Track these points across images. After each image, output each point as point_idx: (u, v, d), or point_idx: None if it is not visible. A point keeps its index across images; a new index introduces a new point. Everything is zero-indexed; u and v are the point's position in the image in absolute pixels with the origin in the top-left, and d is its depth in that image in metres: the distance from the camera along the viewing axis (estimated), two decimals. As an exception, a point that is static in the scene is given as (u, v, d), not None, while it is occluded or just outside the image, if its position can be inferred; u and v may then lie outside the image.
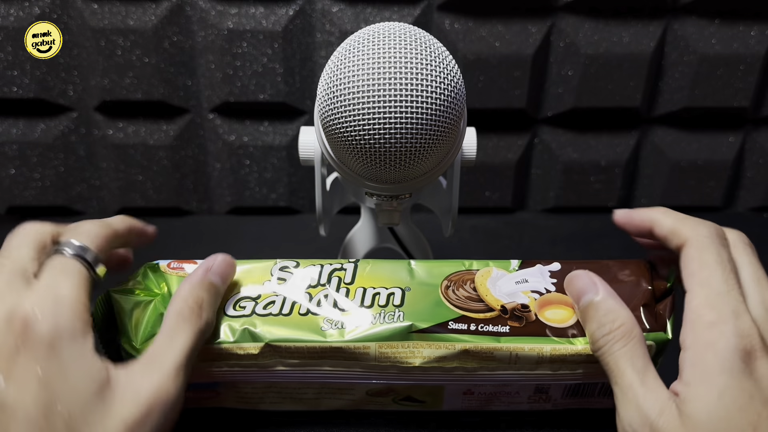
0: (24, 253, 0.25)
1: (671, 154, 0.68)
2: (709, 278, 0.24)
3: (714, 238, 0.26)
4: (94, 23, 0.58)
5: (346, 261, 0.32)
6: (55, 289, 0.24)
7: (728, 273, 0.24)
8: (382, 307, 0.29)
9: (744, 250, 0.27)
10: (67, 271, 0.25)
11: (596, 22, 0.62)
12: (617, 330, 0.25)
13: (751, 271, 0.26)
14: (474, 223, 0.67)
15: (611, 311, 0.26)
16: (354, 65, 0.27)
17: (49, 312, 0.23)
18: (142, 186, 0.66)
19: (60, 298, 0.23)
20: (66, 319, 0.23)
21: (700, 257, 0.25)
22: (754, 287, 0.25)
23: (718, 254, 0.25)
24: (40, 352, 0.22)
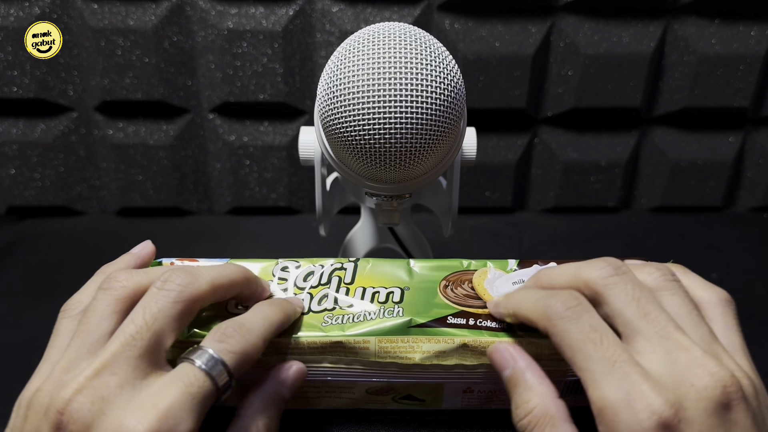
0: (155, 338, 0.22)
1: (671, 154, 0.68)
2: (585, 363, 0.21)
3: (567, 315, 0.22)
4: (94, 23, 0.58)
5: (347, 260, 0.32)
6: (178, 421, 0.20)
7: (601, 345, 0.21)
8: (381, 303, 0.29)
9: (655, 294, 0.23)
10: (197, 397, 0.21)
11: (596, 22, 0.62)
12: (531, 414, 0.23)
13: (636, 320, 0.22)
14: (474, 223, 0.67)
15: (526, 390, 0.24)
16: (354, 65, 0.27)
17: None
18: (142, 186, 0.66)
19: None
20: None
21: (564, 344, 0.22)
22: (655, 339, 0.21)
23: (578, 331, 0.22)
24: None
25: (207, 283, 0.24)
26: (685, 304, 0.23)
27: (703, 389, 0.20)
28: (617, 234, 0.66)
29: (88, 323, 0.23)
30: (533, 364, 0.25)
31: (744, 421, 0.20)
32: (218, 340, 0.23)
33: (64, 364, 0.22)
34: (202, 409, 0.22)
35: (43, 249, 0.60)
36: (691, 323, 0.22)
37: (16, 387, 0.42)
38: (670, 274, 0.24)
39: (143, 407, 0.20)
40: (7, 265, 0.57)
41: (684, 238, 0.65)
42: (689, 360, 0.20)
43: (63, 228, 0.65)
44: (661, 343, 0.21)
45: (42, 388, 0.21)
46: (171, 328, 0.23)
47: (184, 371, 0.22)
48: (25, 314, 0.48)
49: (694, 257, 0.59)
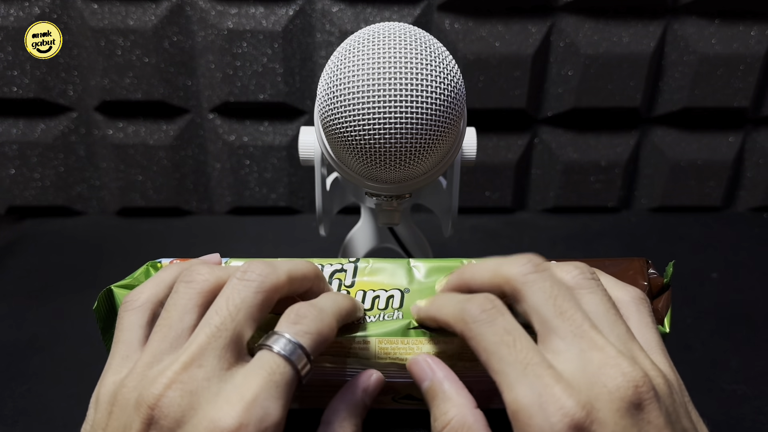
0: (239, 328, 0.22)
1: (671, 154, 0.68)
2: (499, 365, 0.21)
3: (482, 318, 0.22)
4: (94, 23, 0.58)
5: (346, 261, 0.32)
6: (266, 410, 0.20)
7: (514, 348, 0.21)
8: (381, 310, 0.29)
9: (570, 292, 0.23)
10: (281, 384, 0.21)
11: (596, 22, 0.62)
12: (449, 426, 0.23)
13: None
14: (474, 223, 0.67)
15: (443, 401, 0.23)
16: (354, 65, 0.27)
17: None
18: (142, 186, 0.66)
19: (266, 427, 0.20)
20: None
21: (480, 347, 0.22)
22: (570, 338, 0.21)
23: (492, 333, 0.22)
24: None
25: (285, 273, 0.25)
26: (603, 302, 0.23)
27: (615, 389, 0.20)
28: (617, 234, 0.66)
29: (169, 317, 0.23)
30: (451, 375, 0.25)
31: (657, 420, 0.20)
32: (293, 322, 0.23)
33: (146, 359, 0.22)
34: (287, 396, 0.22)
35: (43, 249, 0.60)
36: (608, 322, 0.23)
37: (16, 387, 0.42)
38: (590, 272, 0.25)
39: (230, 400, 0.20)
40: (7, 265, 0.57)
41: (684, 238, 0.65)
42: (602, 360, 0.20)
43: (63, 228, 0.65)
44: (575, 342, 0.21)
45: (126, 384, 0.21)
46: (253, 319, 0.23)
47: (264, 359, 0.22)
48: (25, 314, 0.48)
49: (694, 257, 0.59)
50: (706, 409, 0.40)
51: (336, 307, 0.25)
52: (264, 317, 0.24)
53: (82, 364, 0.40)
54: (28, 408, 0.38)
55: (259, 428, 0.20)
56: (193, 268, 0.25)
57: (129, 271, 0.30)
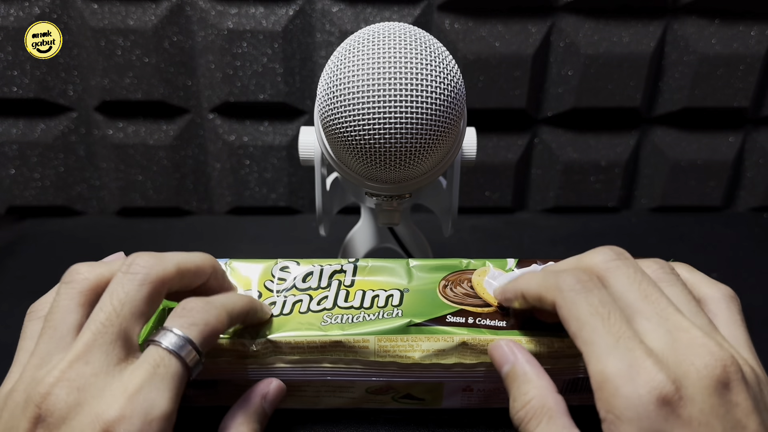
0: (125, 323, 0.22)
1: (671, 154, 0.68)
2: (591, 336, 0.21)
3: (578, 288, 0.22)
4: (94, 23, 0.58)
5: (346, 261, 0.32)
6: (151, 402, 0.20)
7: (608, 320, 0.21)
8: (381, 308, 0.29)
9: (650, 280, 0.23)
10: (166, 377, 0.21)
11: (596, 22, 0.62)
12: (529, 405, 0.23)
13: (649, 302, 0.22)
14: (474, 223, 0.67)
15: (524, 383, 0.24)
16: (354, 65, 0.28)
17: (137, 430, 0.20)
18: (142, 186, 0.66)
19: (152, 419, 0.20)
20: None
21: (572, 316, 0.22)
22: (656, 320, 0.22)
23: (588, 304, 0.22)
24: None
25: (173, 265, 0.25)
26: (683, 294, 0.24)
27: (703, 368, 0.20)
28: (617, 234, 0.66)
29: (53, 319, 0.23)
30: (532, 359, 0.25)
31: (744, 403, 0.20)
32: (179, 315, 0.23)
33: (34, 361, 0.22)
34: (176, 389, 0.22)
35: (43, 249, 0.60)
36: (690, 311, 0.23)
37: (16, 387, 0.42)
38: (670, 268, 0.25)
39: (114, 393, 0.20)
40: (7, 265, 0.57)
41: (684, 238, 0.65)
42: (690, 340, 0.21)
43: (63, 228, 0.65)
44: (661, 323, 0.21)
45: (16, 388, 0.21)
46: (140, 312, 0.23)
47: (150, 354, 0.22)
48: (26, 314, 0.48)
49: (694, 257, 0.59)
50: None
51: (227, 301, 0.25)
52: (153, 310, 0.24)
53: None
54: (28, 408, 0.38)
55: (144, 420, 0.20)
56: (73, 268, 0.25)
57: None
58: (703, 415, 0.19)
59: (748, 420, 0.19)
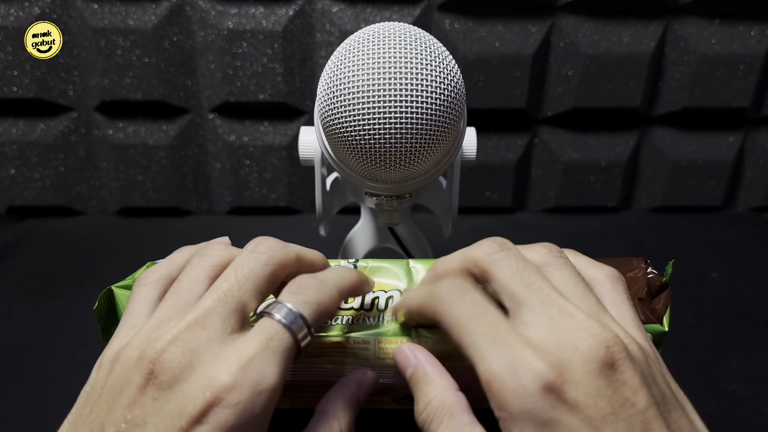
0: (245, 296, 0.22)
1: (671, 154, 0.68)
2: (470, 338, 0.21)
3: (451, 296, 0.23)
4: (94, 23, 0.58)
5: (346, 262, 0.32)
6: (262, 374, 0.20)
7: (483, 320, 0.21)
8: (381, 311, 0.29)
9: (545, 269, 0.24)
10: (278, 350, 0.21)
11: (596, 22, 0.62)
12: (429, 405, 0.23)
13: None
14: (474, 223, 0.67)
15: (425, 384, 0.24)
16: (354, 65, 0.27)
17: (245, 401, 0.20)
18: (142, 186, 0.66)
19: (261, 390, 0.20)
20: (255, 417, 0.20)
21: (451, 324, 0.22)
22: (539, 307, 0.22)
23: (461, 309, 0.22)
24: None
25: (295, 252, 0.25)
26: (571, 277, 0.24)
27: (586, 351, 0.20)
28: (617, 234, 0.66)
29: (180, 286, 0.24)
30: (433, 360, 0.25)
31: (631, 380, 0.19)
32: (294, 292, 0.24)
33: (153, 323, 0.22)
34: (285, 363, 0.22)
35: (43, 249, 0.60)
36: (577, 294, 0.23)
37: (16, 387, 0.42)
38: (557, 251, 0.25)
39: (228, 360, 0.20)
40: (7, 265, 0.57)
41: (684, 238, 0.65)
42: (572, 324, 0.20)
43: (63, 228, 0.65)
44: (544, 311, 0.21)
45: (130, 344, 0.22)
46: (259, 290, 0.23)
47: (264, 326, 0.22)
48: (25, 314, 0.48)
49: (694, 257, 0.59)
50: (706, 409, 0.39)
51: (339, 280, 0.25)
52: (270, 291, 0.24)
53: (81, 364, 0.40)
54: (28, 408, 0.38)
55: (254, 390, 0.20)
56: (209, 245, 0.26)
57: (129, 271, 0.30)
58: (590, 398, 0.19)
59: (637, 396, 0.19)
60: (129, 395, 0.20)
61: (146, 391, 0.20)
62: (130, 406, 0.20)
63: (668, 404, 0.20)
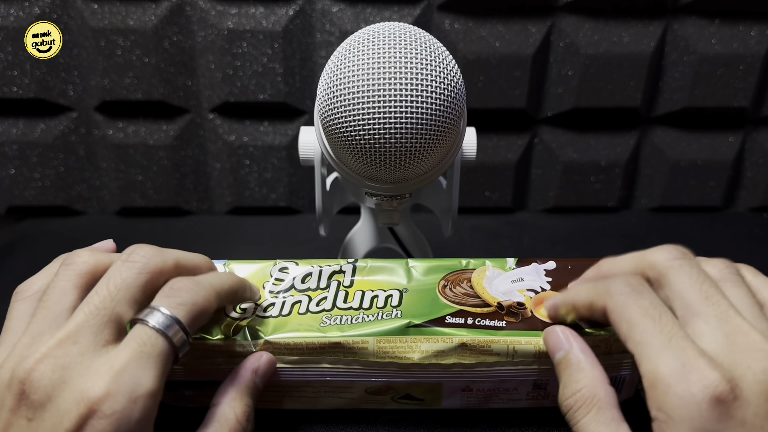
0: (118, 308, 0.22)
1: (671, 154, 0.68)
2: (642, 336, 0.21)
3: (628, 291, 0.23)
4: (94, 23, 0.58)
5: (345, 262, 0.32)
6: (136, 380, 0.20)
7: (659, 321, 0.21)
8: (380, 308, 0.29)
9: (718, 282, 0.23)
10: (152, 355, 0.21)
11: (596, 22, 0.62)
12: (579, 393, 0.23)
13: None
14: (474, 223, 0.67)
15: (577, 371, 0.24)
16: (354, 65, 0.27)
17: (121, 410, 0.20)
18: (142, 186, 0.66)
19: (137, 396, 0.20)
20: (135, 424, 0.20)
21: (623, 318, 0.22)
22: (711, 319, 0.21)
23: (638, 306, 0.22)
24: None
25: (172, 259, 0.25)
26: (747, 296, 0.23)
27: (761, 372, 0.19)
28: (617, 234, 0.66)
29: (48, 299, 0.23)
30: (587, 348, 0.25)
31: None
32: (167, 295, 0.23)
33: (25, 340, 0.22)
34: (162, 368, 0.22)
35: (43, 249, 0.60)
36: (751, 315, 0.22)
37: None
38: (734, 268, 0.25)
39: (100, 371, 0.20)
40: (7, 265, 0.57)
41: (684, 238, 0.64)
42: (748, 344, 0.20)
43: (63, 228, 0.65)
44: (720, 326, 0.21)
45: (3, 366, 0.21)
46: (134, 299, 0.23)
47: (136, 333, 0.22)
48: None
49: (694, 257, 0.59)
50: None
51: (216, 281, 0.25)
52: (147, 300, 0.24)
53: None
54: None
55: (129, 398, 0.20)
56: (74, 252, 0.25)
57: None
58: (758, 419, 0.19)
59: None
60: (4, 419, 0.20)
61: (20, 412, 0.20)
62: (5, 429, 0.20)
63: None
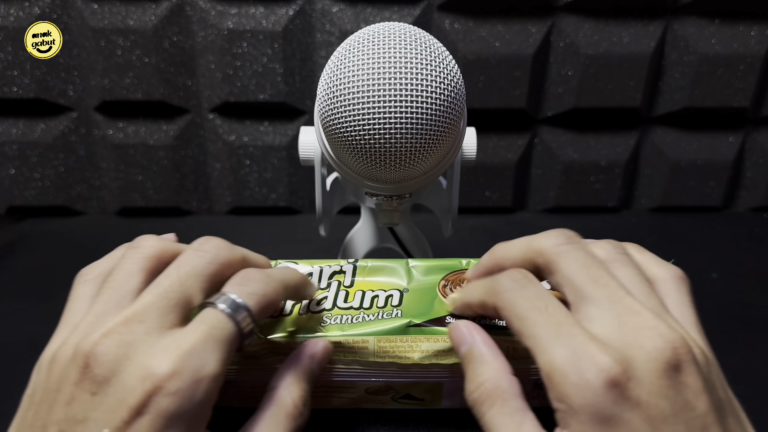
0: (186, 293, 0.22)
1: (671, 154, 0.68)
2: (532, 329, 0.21)
3: (514, 286, 0.23)
4: (94, 23, 0.58)
5: (345, 262, 0.32)
6: (202, 361, 0.20)
7: (546, 311, 0.21)
8: (380, 308, 0.29)
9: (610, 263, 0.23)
10: (220, 339, 0.21)
11: (596, 22, 0.62)
12: (482, 386, 0.22)
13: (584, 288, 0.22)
14: (474, 223, 0.67)
15: (480, 364, 0.23)
16: (354, 65, 0.27)
17: (186, 388, 0.19)
18: (142, 186, 0.66)
19: (201, 377, 0.20)
20: (197, 404, 0.20)
21: (513, 315, 0.22)
22: (605, 304, 0.21)
23: (524, 300, 0.22)
24: (157, 426, 0.19)
25: (240, 254, 0.25)
26: (636, 275, 0.23)
27: (653, 350, 0.19)
28: (617, 234, 0.65)
29: (114, 280, 0.23)
30: (490, 341, 0.25)
31: (695, 384, 0.19)
32: (238, 283, 0.24)
33: (89, 318, 0.22)
34: (227, 352, 0.22)
35: (43, 249, 0.60)
36: (641, 293, 0.22)
37: (15, 387, 0.42)
38: (621, 248, 0.25)
39: (167, 349, 0.20)
40: (7, 265, 0.57)
41: (684, 238, 0.64)
42: (639, 323, 0.20)
43: (63, 228, 0.65)
44: (610, 308, 0.21)
45: (67, 342, 0.21)
46: (202, 288, 0.23)
47: (206, 315, 0.22)
48: (25, 314, 0.48)
49: (694, 257, 0.59)
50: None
51: (285, 276, 0.26)
52: (213, 290, 0.24)
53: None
54: (28, 408, 0.38)
55: (194, 378, 0.20)
56: (142, 237, 0.26)
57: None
58: (653, 397, 0.19)
59: (698, 400, 0.19)
60: (67, 392, 0.20)
61: (83, 386, 0.20)
62: (69, 403, 0.20)
63: (725, 411, 0.20)
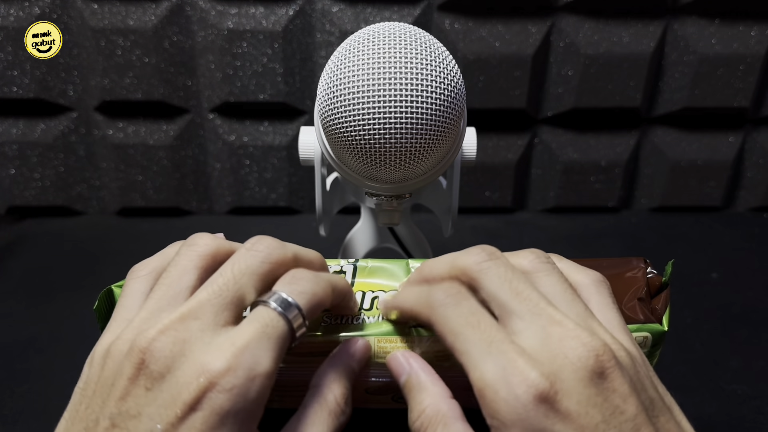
0: (240, 291, 0.22)
1: (671, 154, 0.68)
2: (465, 346, 0.21)
3: (448, 302, 0.23)
4: (94, 23, 0.58)
5: (346, 262, 0.32)
6: (256, 359, 0.20)
7: (478, 328, 0.21)
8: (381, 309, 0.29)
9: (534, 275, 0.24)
10: (273, 337, 0.21)
11: (596, 22, 0.62)
12: (424, 414, 0.23)
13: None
14: (474, 223, 0.67)
15: (419, 392, 0.24)
16: (354, 65, 0.27)
17: (240, 385, 0.20)
18: (142, 186, 0.66)
19: (255, 375, 0.20)
20: (250, 402, 0.20)
21: (447, 330, 0.22)
22: (529, 317, 0.22)
23: (457, 315, 0.22)
24: (210, 422, 0.19)
25: (292, 252, 0.25)
26: (559, 283, 0.24)
27: (576, 360, 0.20)
28: (617, 234, 0.66)
29: (169, 276, 0.23)
30: (426, 367, 0.25)
31: (621, 388, 0.20)
32: (288, 282, 0.24)
33: (144, 315, 0.22)
34: (280, 350, 0.22)
35: (43, 249, 0.60)
36: (565, 301, 0.23)
37: (16, 387, 0.42)
38: (545, 257, 0.25)
39: (222, 347, 0.20)
40: (7, 265, 0.57)
41: (684, 238, 0.65)
42: (562, 333, 0.21)
43: (63, 228, 0.65)
44: (534, 320, 0.21)
45: (121, 337, 0.21)
46: (255, 287, 0.23)
47: (259, 313, 0.22)
48: (25, 314, 0.48)
49: (694, 257, 0.59)
50: (706, 409, 0.39)
51: (334, 278, 0.26)
52: (266, 288, 0.24)
53: (81, 364, 0.40)
54: (27, 408, 0.38)
55: (248, 375, 0.20)
56: (196, 235, 0.26)
57: (128, 271, 0.30)
58: (581, 407, 0.19)
59: (626, 404, 0.19)
60: (121, 387, 0.20)
61: (138, 381, 0.20)
62: (123, 397, 0.20)
63: (656, 409, 0.21)
